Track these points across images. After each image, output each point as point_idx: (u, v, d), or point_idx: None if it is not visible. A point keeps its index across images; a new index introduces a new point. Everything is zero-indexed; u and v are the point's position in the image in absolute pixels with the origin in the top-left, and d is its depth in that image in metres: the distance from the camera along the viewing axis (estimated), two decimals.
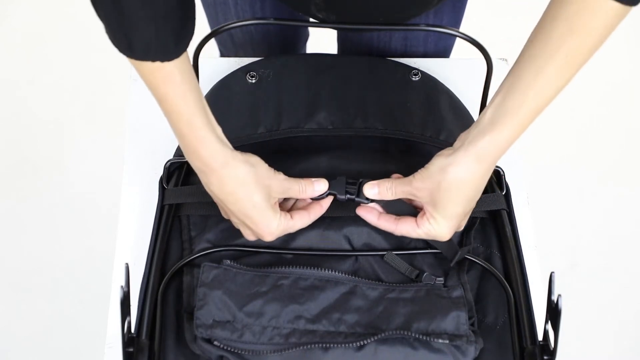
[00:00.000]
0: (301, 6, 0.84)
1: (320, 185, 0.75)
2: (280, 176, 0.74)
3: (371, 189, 0.74)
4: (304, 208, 0.76)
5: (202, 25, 0.98)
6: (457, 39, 1.04)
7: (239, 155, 0.71)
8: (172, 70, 0.64)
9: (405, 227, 0.74)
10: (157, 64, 0.63)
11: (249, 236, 0.75)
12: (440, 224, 0.72)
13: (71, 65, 1.89)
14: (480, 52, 0.79)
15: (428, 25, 0.80)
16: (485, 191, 0.81)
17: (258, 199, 0.71)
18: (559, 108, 1.90)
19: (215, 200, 0.73)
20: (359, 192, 0.75)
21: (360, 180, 0.75)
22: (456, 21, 0.98)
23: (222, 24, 0.81)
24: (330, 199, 0.76)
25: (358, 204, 0.75)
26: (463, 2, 0.95)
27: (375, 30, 0.87)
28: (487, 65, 0.78)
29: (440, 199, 0.70)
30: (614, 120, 1.87)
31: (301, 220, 0.75)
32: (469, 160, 0.68)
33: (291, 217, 0.74)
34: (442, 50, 1.02)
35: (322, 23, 0.80)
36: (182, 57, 0.65)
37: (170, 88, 0.65)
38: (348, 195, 0.75)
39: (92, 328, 1.31)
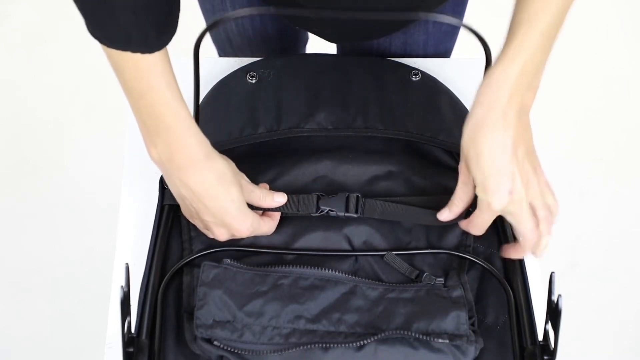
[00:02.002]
0: (300, 23, 0.85)
1: (280, 198, 0.76)
2: (245, 176, 0.75)
3: (444, 215, 0.76)
4: (267, 215, 0.77)
5: (201, 26, 0.98)
6: (457, 41, 1.04)
7: (213, 148, 0.72)
8: (155, 61, 0.64)
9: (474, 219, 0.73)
10: (138, 55, 0.63)
11: (222, 235, 0.74)
12: (482, 200, 0.69)
13: (71, 65, 1.89)
14: (480, 42, 0.77)
15: (428, 14, 0.78)
16: None
17: (235, 193, 0.72)
18: (559, 108, 1.91)
19: (186, 199, 0.72)
20: (363, 210, 0.78)
21: (354, 194, 0.78)
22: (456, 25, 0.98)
23: (221, 15, 0.80)
24: (278, 214, 0.78)
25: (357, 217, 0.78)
26: (463, 5, 0.95)
27: (374, 17, 0.85)
28: (486, 57, 0.77)
29: (467, 157, 0.69)
30: (615, 120, 1.87)
31: (267, 224, 0.76)
32: (476, 105, 0.69)
33: (261, 218, 0.75)
34: (443, 54, 1.02)
35: (322, 12, 0.78)
36: (164, 51, 0.65)
37: (155, 79, 0.65)
38: (346, 213, 0.77)
39: (92, 328, 1.31)
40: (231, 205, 0.71)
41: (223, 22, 0.75)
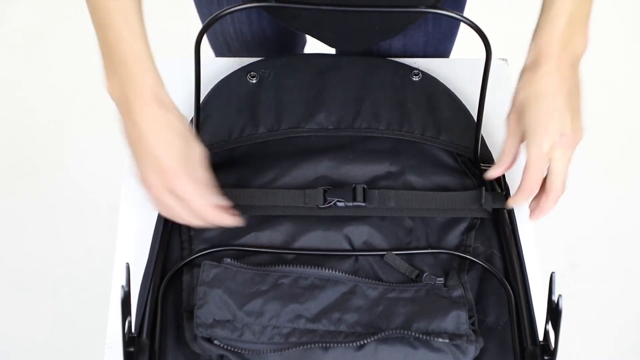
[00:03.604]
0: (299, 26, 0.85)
1: (218, 201, 0.75)
2: (201, 152, 0.74)
3: (493, 172, 0.78)
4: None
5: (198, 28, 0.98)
6: (457, 41, 1.04)
7: (171, 99, 0.72)
8: None
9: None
10: None
11: (157, 188, 0.71)
12: (533, 138, 0.73)
13: (71, 65, 1.89)
14: (480, 38, 0.77)
15: (428, 7, 0.78)
16: (486, 190, 0.82)
17: (179, 143, 0.71)
18: None
19: (131, 138, 0.71)
20: (368, 199, 0.79)
21: (361, 185, 0.79)
22: (455, 23, 0.98)
23: (221, 10, 0.79)
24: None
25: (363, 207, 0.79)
26: (461, 4, 0.95)
27: (375, 12, 0.85)
28: (486, 53, 0.77)
29: (518, 106, 0.74)
30: (615, 120, 1.87)
31: (223, 218, 0.74)
32: (527, 58, 0.74)
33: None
34: (442, 54, 1.02)
35: (324, 5, 0.78)
36: None
37: (114, 14, 0.67)
38: (355, 202, 0.78)
39: (92, 328, 1.31)
40: (173, 152, 0.70)
41: (223, 17, 0.75)
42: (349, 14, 0.79)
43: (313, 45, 1.16)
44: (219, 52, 1.09)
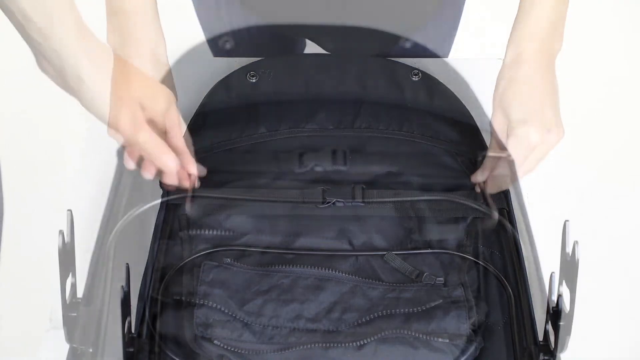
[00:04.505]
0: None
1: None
2: (179, 116, 0.77)
3: (479, 176, 0.80)
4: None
5: (197, 28, 0.98)
6: (457, 41, 1.05)
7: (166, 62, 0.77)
8: None
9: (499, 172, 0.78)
10: None
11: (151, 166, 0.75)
12: (521, 128, 0.74)
13: None
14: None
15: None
16: None
17: (166, 96, 0.74)
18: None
19: (114, 73, 0.73)
20: (367, 198, 0.79)
21: (360, 185, 0.79)
22: (454, 24, 0.99)
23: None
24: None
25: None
26: (461, 5, 0.96)
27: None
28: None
29: (503, 103, 0.75)
30: (615, 119, 1.87)
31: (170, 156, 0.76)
32: (506, 58, 0.76)
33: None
34: (441, 56, 1.02)
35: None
36: None
37: None
38: (354, 201, 0.78)
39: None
40: (155, 102, 0.73)
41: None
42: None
43: (313, 46, 1.16)
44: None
